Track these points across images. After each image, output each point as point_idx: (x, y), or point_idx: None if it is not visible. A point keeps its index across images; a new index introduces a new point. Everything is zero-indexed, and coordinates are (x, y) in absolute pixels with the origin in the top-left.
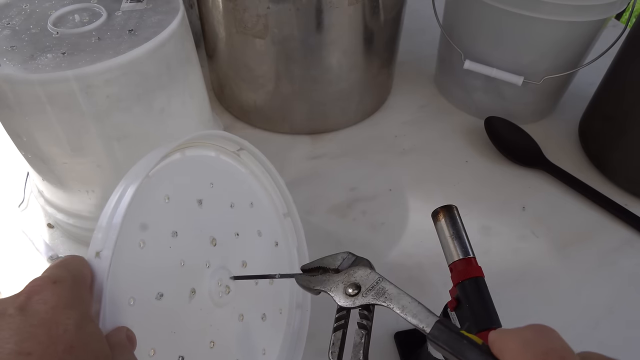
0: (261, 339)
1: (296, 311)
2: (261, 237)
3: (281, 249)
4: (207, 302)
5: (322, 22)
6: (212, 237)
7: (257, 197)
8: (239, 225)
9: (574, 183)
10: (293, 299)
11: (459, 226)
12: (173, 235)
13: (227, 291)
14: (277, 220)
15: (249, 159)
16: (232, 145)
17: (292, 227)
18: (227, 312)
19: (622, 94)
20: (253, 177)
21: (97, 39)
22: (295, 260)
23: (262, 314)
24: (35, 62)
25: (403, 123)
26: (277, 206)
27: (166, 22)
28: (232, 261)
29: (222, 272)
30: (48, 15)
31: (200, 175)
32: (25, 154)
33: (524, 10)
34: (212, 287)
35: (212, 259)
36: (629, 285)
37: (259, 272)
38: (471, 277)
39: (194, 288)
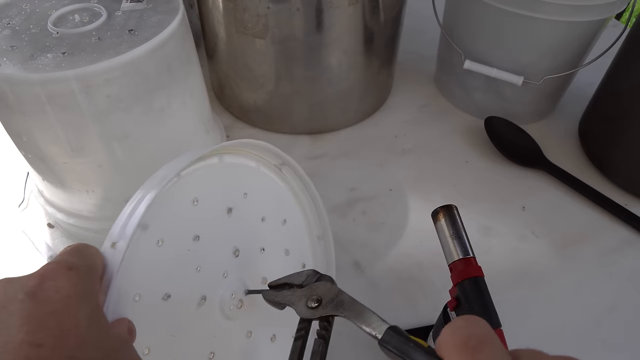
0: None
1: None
2: (288, 256)
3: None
4: (216, 312)
5: (322, 22)
6: (235, 247)
7: (291, 215)
8: (266, 240)
9: (574, 183)
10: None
11: (459, 226)
12: (195, 239)
13: (240, 305)
14: (309, 241)
15: (290, 174)
16: (274, 158)
17: (324, 251)
18: (236, 326)
19: (622, 94)
20: (291, 194)
21: (97, 39)
22: None
23: (272, 335)
24: (35, 62)
25: (403, 123)
26: (311, 227)
27: (166, 22)
28: (252, 276)
29: (238, 284)
30: (48, 15)
31: (235, 184)
32: (25, 154)
33: (524, 10)
34: (224, 298)
35: (231, 270)
36: (629, 285)
37: None
38: (471, 277)
39: (205, 295)
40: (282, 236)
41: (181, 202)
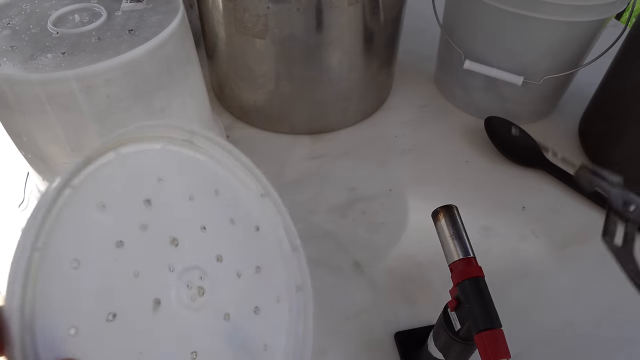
0: (258, 334)
1: (297, 294)
2: (235, 224)
3: (264, 232)
4: (178, 309)
5: (322, 22)
6: (171, 237)
7: (222, 184)
8: (204, 217)
9: (574, 183)
10: (291, 282)
11: (459, 226)
12: (118, 245)
13: (202, 292)
14: (253, 203)
15: (205, 144)
16: (180, 133)
17: (273, 207)
18: (208, 315)
19: (622, 94)
20: (214, 163)
21: (97, 39)
22: (284, 241)
23: (253, 308)
24: (35, 62)
25: (403, 123)
26: (250, 188)
27: (166, 22)
28: (203, 258)
29: (192, 273)
30: (48, 15)
31: (144, 173)
32: (25, 154)
33: (523, 10)
34: (181, 292)
35: (175, 262)
36: (629, 285)
37: (239, 263)
38: (471, 277)
39: (157, 298)
40: (219, 207)
41: (83, 213)
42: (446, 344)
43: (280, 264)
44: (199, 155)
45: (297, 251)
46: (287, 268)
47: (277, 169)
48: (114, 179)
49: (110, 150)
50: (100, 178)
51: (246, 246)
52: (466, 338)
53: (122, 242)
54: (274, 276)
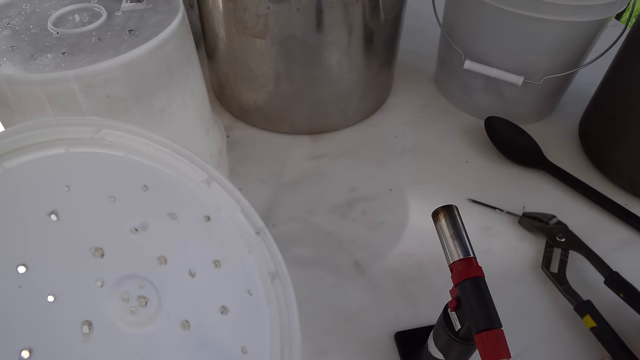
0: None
1: (273, 283)
2: (177, 219)
3: (218, 220)
4: (119, 327)
5: (322, 22)
6: (93, 247)
7: (150, 177)
8: (132, 218)
9: (574, 183)
10: (263, 269)
11: (459, 226)
12: (19, 270)
13: (144, 302)
14: (197, 190)
15: (119, 137)
16: (84, 131)
17: (223, 191)
18: (161, 327)
19: (623, 94)
20: (136, 156)
21: (97, 39)
22: (245, 226)
23: (219, 308)
24: (35, 62)
25: (403, 123)
26: (189, 176)
27: (166, 22)
28: (140, 264)
29: (127, 283)
30: (48, 15)
31: (43, 184)
32: None
33: (523, 10)
34: (116, 308)
35: (102, 274)
36: None
37: (190, 261)
38: (471, 277)
39: (87, 320)
40: (151, 204)
41: None
42: (446, 344)
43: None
44: (113, 151)
45: (263, 234)
46: (255, 255)
47: (277, 169)
48: (3, 198)
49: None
50: None
51: (196, 240)
52: (466, 338)
53: (26, 265)
54: (240, 267)
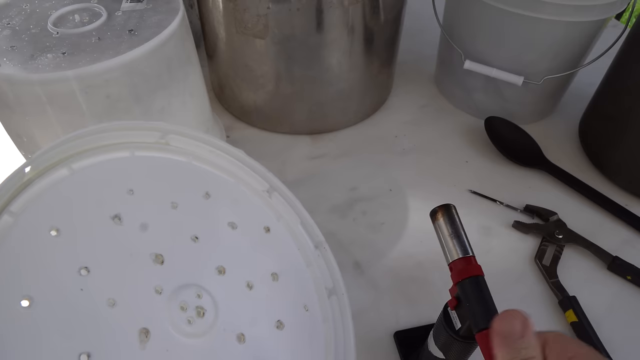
0: (286, 354)
1: (330, 300)
2: (237, 228)
3: (277, 233)
4: (174, 337)
5: (322, 22)
6: (153, 254)
7: (213, 185)
8: (194, 226)
9: (574, 183)
10: (320, 285)
11: (458, 225)
12: (81, 273)
13: (202, 313)
14: (259, 200)
15: (184, 143)
16: (151, 135)
17: (284, 203)
18: (217, 339)
19: (623, 94)
20: (200, 163)
21: (97, 39)
22: (304, 238)
23: (275, 322)
24: (35, 62)
25: (403, 123)
26: (251, 185)
27: (166, 22)
28: (199, 273)
29: (185, 292)
30: (48, 15)
31: (108, 187)
32: (25, 154)
33: (524, 10)
34: (174, 317)
35: (162, 282)
36: (629, 285)
37: (248, 273)
38: (471, 276)
39: (144, 328)
40: (213, 212)
41: (30, 243)
42: (446, 342)
43: (303, 267)
44: (177, 157)
45: (322, 248)
46: (312, 270)
47: (277, 169)
48: (68, 198)
49: (61, 164)
50: (49, 199)
51: (255, 252)
52: (466, 337)
53: (88, 268)
54: (297, 281)
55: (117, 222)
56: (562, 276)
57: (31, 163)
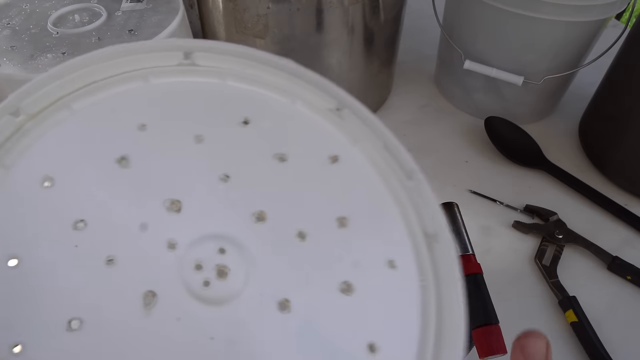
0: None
1: (430, 250)
2: (287, 161)
3: (349, 161)
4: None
5: (322, 22)
6: (168, 200)
7: (254, 107)
8: (224, 162)
9: (574, 183)
10: (415, 230)
11: (459, 223)
12: (75, 227)
13: (228, 272)
14: (322, 121)
15: (212, 59)
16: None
17: (359, 122)
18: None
19: (623, 94)
20: (236, 81)
21: (97, 39)
22: (388, 168)
23: (338, 284)
24: (35, 62)
25: (403, 123)
26: (310, 102)
27: (166, 22)
28: (229, 222)
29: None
30: (48, 15)
31: (115, 124)
32: None
33: (524, 10)
34: (189, 278)
35: (177, 234)
36: (629, 285)
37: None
38: (470, 274)
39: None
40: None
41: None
42: None
43: (389, 204)
44: (207, 79)
45: (415, 179)
46: (402, 209)
47: None
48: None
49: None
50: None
51: (314, 189)
52: None
53: (85, 221)
54: (378, 226)
55: (124, 165)
56: (562, 276)
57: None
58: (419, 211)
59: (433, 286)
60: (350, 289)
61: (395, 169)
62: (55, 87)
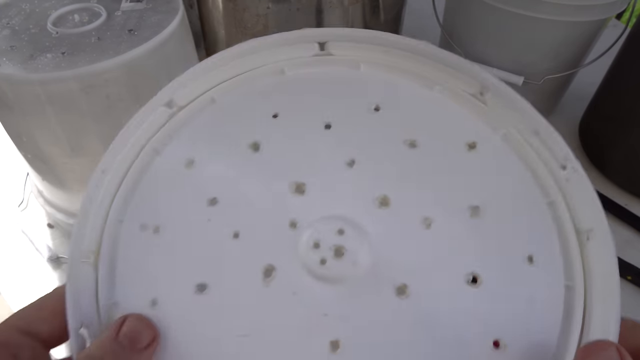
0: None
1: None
2: (418, 147)
3: (490, 148)
4: (304, 280)
5: (322, 22)
6: (294, 183)
7: (387, 93)
8: (351, 148)
9: None
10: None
11: None
12: (211, 203)
13: (342, 253)
14: (459, 107)
15: (348, 48)
16: (305, 48)
17: (504, 107)
18: (363, 288)
19: (623, 94)
20: (370, 68)
21: (97, 39)
22: (543, 155)
23: (464, 276)
24: (35, 62)
25: None
26: (448, 87)
27: (166, 22)
28: (350, 205)
29: (327, 228)
30: (48, 15)
31: (251, 113)
32: (25, 154)
33: (524, 10)
34: (308, 256)
35: (300, 215)
36: (629, 285)
37: (427, 204)
38: None
39: (271, 265)
40: (380, 127)
41: (165, 173)
42: None
43: (534, 194)
44: (340, 67)
45: (570, 168)
46: (549, 200)
47: None
48: (206, 129)
49: (204, 95)
50: (189, 131)
51: (446, 176)
52: None
53: (216, 199)
54: (517, 219)
55: (255, 150)
56: None
57: (173, 96)
58: (571, 203)
59: (581, 289)
60: (477, 282)
61: (546, 157)
62: (201, 81)
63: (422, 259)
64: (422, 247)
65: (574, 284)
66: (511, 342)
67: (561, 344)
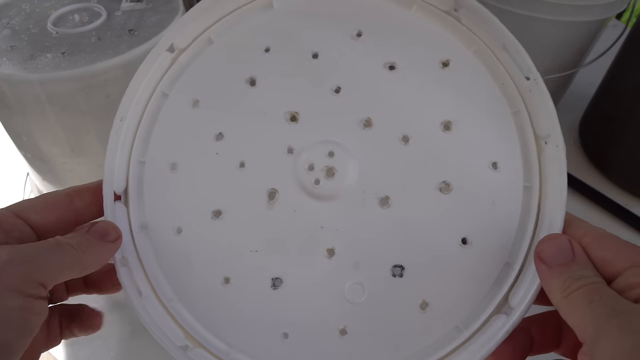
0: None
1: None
2: (397, 69)
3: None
4: (302, 198)
5: None
6: (288, 112)
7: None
8: (336, 75)
9: (574, 183)
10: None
11: None
12: (217, 138)
13: (332, 173)
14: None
15: None
16: None
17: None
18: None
19: (623, 94)
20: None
21: (97, 38)
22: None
23: (437, 184)
24: (35, 62)
25: None
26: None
27: (166, 22)
28: (338, 129)
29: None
30: (48, 15)
31: (245, 49)
32: (25, 154)
33: (523, 10)
34: (303, 177)
35: (294, 141)
36: None
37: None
38: None
39: (273, 188)
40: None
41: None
42: None
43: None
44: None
45: (532, 79)
46: (514, 111)
47: None
48: (207, 69)
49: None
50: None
51: (422, 95)
52: None
53: (222, 134)
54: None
55: (252, 85)
56: None
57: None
58: (533, 112)
59: (537, 188)
60: (449, 189)
61: (512, 69)
62: (198, 23)
63: (401, 172)
64: (401, 162)
65: (532, 184)
66: (477, 239)
67: (518, 237)
